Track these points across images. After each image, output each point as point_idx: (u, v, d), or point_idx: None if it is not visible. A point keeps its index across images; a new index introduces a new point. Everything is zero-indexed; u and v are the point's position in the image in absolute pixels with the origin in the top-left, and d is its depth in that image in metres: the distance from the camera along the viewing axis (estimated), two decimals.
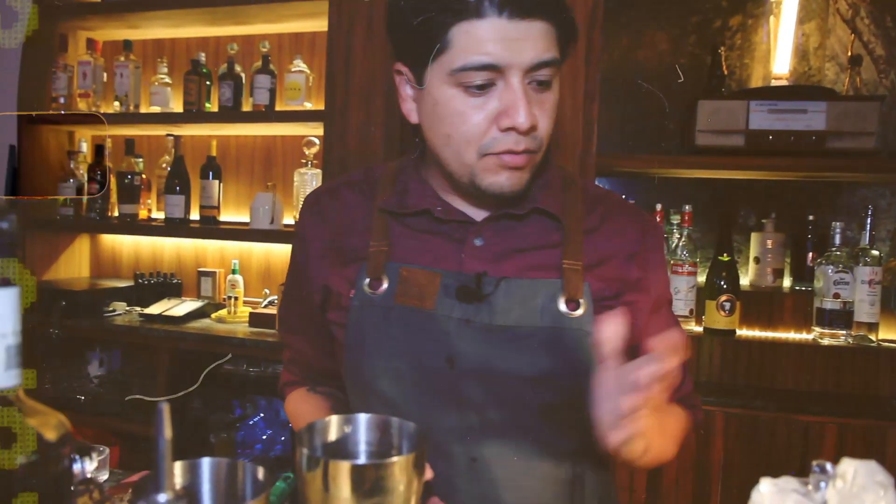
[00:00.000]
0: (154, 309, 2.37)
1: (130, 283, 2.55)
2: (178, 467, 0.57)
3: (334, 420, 0.65)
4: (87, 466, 0.88)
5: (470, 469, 0.86)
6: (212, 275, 2.57)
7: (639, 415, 0.65)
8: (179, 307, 2.39)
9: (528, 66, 0.77)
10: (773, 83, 2.06)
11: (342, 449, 0.64)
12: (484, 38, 0.75)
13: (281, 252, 2.58)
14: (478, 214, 0.90)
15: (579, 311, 0.85)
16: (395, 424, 0.65)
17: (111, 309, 2.41)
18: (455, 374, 0.85)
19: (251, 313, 2.35)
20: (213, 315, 2.41)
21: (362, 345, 0.88)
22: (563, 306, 0.85)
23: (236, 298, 2.42)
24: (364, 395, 0.90)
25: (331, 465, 0.55)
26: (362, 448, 0.65)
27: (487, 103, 0.78)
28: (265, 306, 2.45)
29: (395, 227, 0.91)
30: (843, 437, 1.66)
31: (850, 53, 2.02)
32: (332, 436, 0.64)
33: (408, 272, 0.87)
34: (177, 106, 2.54)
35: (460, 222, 0.89)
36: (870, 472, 0.47)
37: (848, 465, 0.48)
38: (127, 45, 2.51)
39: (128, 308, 2.46)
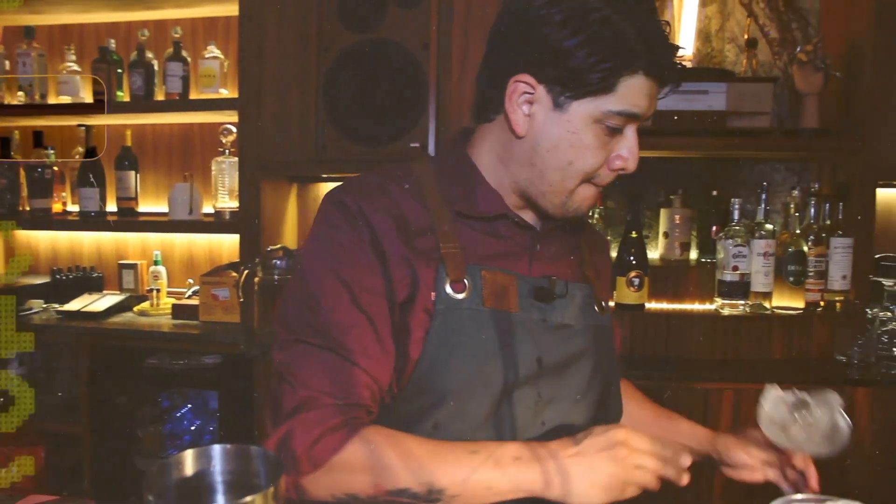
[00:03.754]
0: (73, 305, 2.32)
1: (47, 279, 2.48)
2: None
3: (189, 455, 0.62)
4: None
5: None
6: (133, 267, 2.53)
7: None
8: (100, 302, 2.35)
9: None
10: None
11: (199, 485, 0.62)
12: (642, 92, 0.83)
13: (203, 242, 2.56)
14: (532, 220, 0.95)
15: (605, 312, 1.00)
16: (255, 452, 0.63)
17: (27, 307, 2.35)
18: (541, 372, 0.89)
19: (174, 305, 2.33)
20: (135, 308, 2.38)
21: (452, 350, 0.85)
22: (596, 307, 0.98)
23: (159, 290, 2.39)
24: (435, 406, 0.85)
25: None
26: (220, 479, 0.63)
27: (611, 143, 0.86)
28: (189, 297, 2.43)
29: (462, 229, 0.90)
30: (739, 402, 1.77)
31: (746, 36, 2.11)
32: (188, 471, 0.62)
33: (490, 274, 0.89)
34: (87, 95, 2.46)
35: (528, 228, 0.94)
36: None
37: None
38: (28, 32, 2.41)
39: (45, 305, 2.40)
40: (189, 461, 0.62)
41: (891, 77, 1.96)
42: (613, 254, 2.11)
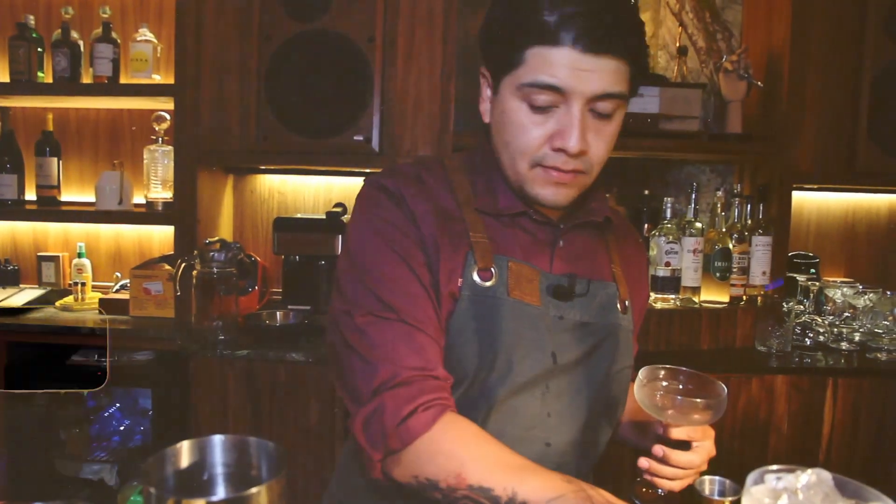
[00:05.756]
0: None
1: None
2: None
3: (185, 445, 0.61)
4: None
5: (544, 454, 0.90)
6: (54, 259, 2.38)
7: None
8: (17, 296, 2.21)
9: (591, 96, 0.81)
10: None
11: (197, 476, 0.61)
12: (554, 63, 0.80)
13: (132, 233, 2.44)
14: (556, 216, 0.95)
15: (626, 312, 0.98)
16: (254, 444, 0.62)
17: None
18: (554, 368, 0.90)
19: (102, 299, 2.22)
20: (57, 303, 2.25)
21: (473, 337, 0.87)
22: (619, 306, 0.97)
23: (84, 284, 2.27)
24: (452, 387, 0.87)
25: None
26: (219, 471, 0.61)
27: (547, 122, 0.84)
28: (117, 291, 2.32)
29: (488, 222, 0.92)
30: None
31: (678, 44, 2.22)
32: (185, 462, 0.60)
33: (516, 266, 0.90)
34: (2, 74, 2.29)
35: (550, 225, 0.95)
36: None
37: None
38: None
39: None
40: (186, 452, 0.60)
41: (805, 88, 2.12)
42: None
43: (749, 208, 2.13)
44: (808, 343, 2.05)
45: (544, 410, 0.90)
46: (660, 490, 0.91)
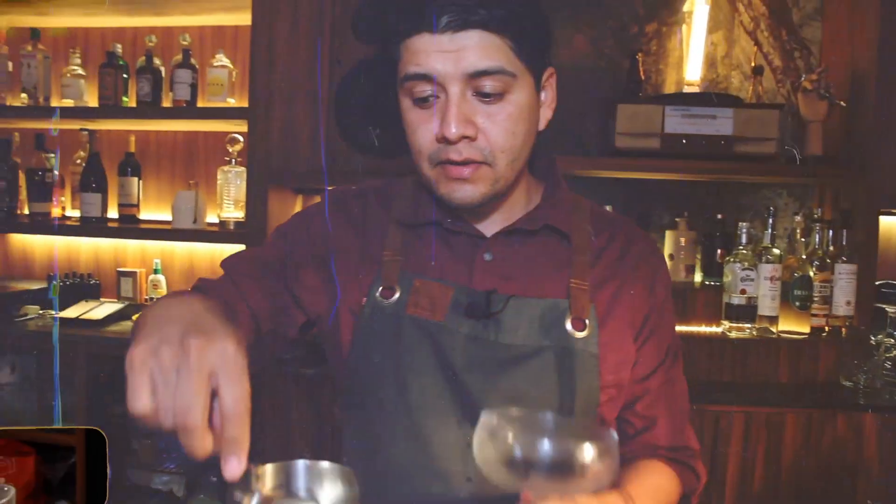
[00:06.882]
0: (71, 312, 2.27)
1: (43, 284, 2.43)
2: None
3: (269, 469, 0.61)
4: None
5: (464, 490, 0.85)
6: (132, 275, 2.49)
7: None
8: (98, 309, 2.30)
9: (464, 75, 0.78)
10: (686, 89, 2.16)
11: (279, 500, 0.61)
12: (417, 50, 0.78)
13: (205, 251, 2.52)
14: (487, 229, 0.91)
15: (585, 332, 0.86)
16: (337, 471, 0.62)
17: (23, 313, 2.30)
18: (458, 389, 0.85)
19: None
20: (134, 317, 2.34)
21: (369, 350, 0.89)
22: (569, 326, 0.86)
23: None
24: (361, 401, 0.90)
25: None
26: (303, 496, 0.61)
27: (432, 116, 0.81)
28: None
29: (411, 239, 0.92)
30: (749, 425, 1.78)
31: (753, 63, 2.14)
32: (268, 486, 0.60)
33: (421, 283, 0.88)
34: (91, 99, 2.43)
35: (469, 236, 0.90)
36: None
37: None
38: (34, 34, 2.38)
39: (41, 311, 2.34)
40: (270, 475, 0.61)
41: (893, 107, 2.00)
42: None
43: (831, 234, 2.02)
44: None
45: (463, 440, 0.84)
46: None
